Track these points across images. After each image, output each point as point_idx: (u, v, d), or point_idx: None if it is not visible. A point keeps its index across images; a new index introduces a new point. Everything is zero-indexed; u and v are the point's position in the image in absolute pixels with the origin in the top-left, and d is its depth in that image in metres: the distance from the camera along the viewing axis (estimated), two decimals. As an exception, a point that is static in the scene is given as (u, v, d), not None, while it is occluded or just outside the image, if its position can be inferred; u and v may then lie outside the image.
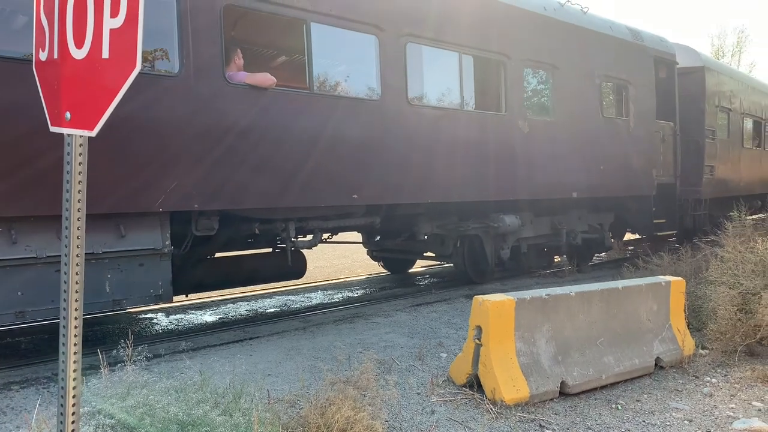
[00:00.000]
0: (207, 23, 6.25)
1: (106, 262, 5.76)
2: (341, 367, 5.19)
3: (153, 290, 6.07)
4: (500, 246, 10.33)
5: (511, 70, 9.39)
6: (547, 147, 9.96)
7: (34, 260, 5.34)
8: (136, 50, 2.23)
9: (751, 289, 6.43)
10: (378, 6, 7.70)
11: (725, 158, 14.87)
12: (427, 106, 8.49)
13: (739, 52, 47.41)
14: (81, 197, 2.29)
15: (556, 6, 10.37)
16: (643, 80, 11.95)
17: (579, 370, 5.34)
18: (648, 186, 12.10)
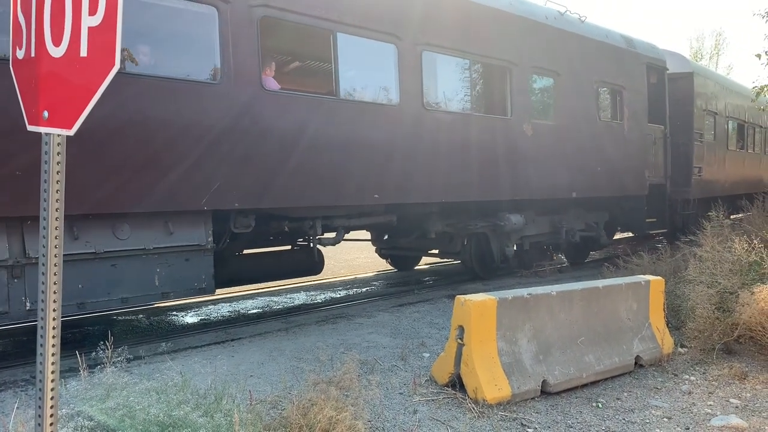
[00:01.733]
0: (245, 34, 6.67)
1: (156, 257, 6.24)
2: (324, 368, 5.19)
3: (197, 283, 6.56)
4: (505, 243, 10.84)
5: (517, 76, 9.88)
6: (549, 149, 10.46)
7: (94, 255, 5.82)
8: (114, 49, 2.21)
9: (728, 288, 6.53)
10: (397, 17, 8.15)
11: (712, 160, 15.47)
12: (442, 111, 9.01)
13: (717, 55, 48.07)
14: (59, 197, 2.27)
15: (556, 15, 10.87)
16: (636, 85, 12.51)
17: (560, 369, 5.37)
18: (641, 186, 12.63)
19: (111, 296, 5.95)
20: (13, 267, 5.46)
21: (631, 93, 12.37)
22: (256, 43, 6.76)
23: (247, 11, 6.67)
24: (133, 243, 6.10)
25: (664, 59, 13.74)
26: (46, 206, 2.22)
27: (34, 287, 4.97)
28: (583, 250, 12.91)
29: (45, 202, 2.22)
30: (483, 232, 10.49)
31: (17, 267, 5.49)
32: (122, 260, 6.04)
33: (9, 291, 5.43)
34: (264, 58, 6.97)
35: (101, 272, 5.87)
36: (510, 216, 10.31)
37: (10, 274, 5.43)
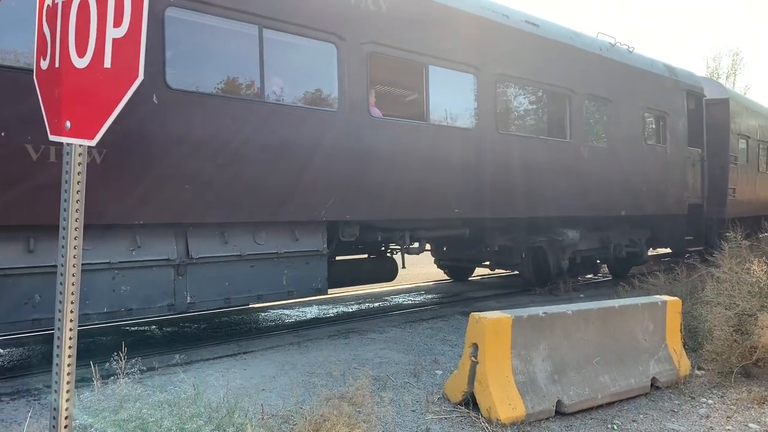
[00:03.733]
0: (357, 68, 7.67)
1: (285, 260, 7.23)
2: (336, 383, 5.15)
3: (314, 284, 7.55)
4: (560, 257, 11.56)
5: (575, 102, 10.85)
6: (602, 170, 11.41)
7: (239, 257, 6.82)
8: (138, 60, 2.22)
9: (747, 310, 6.41)
10: (477, 51, 9.14)
11: (744, 181, 16.27)
12: (513, 135, 9.93)
13: (734, 75, 47.79)
14: (79, 207, 2.27)
15: (608, 46, 11.92)
16: (677, 111, 13.48)
17: (575, 389, 5.30)
18: (680, 206, 13.56)
19: (250, 293, 7.01)
20: (178, 266, 6.42)
21: (673, 118, 13.28)
22: (365, 76, 7.76)
23: (359, 48, 7.66)
24: (268, 247, 7.10)
25: (701, 86, 14.66)
26: (66, 216, 2.22)
27: (195, 284, 6.51)
28: (626, 265, 13.64)
29: (65, 212, 2.22)
30: (540, 246, 11.24)
31: (182, 266, 6.45)
32: (259, 262, 7.05)
33: (175, 286, 6.41)
34: (370, 88, 7.95)
35: (243, 272, 6.91)
36: (567, 231, 11.14)
37: (176, 271, 6.41)
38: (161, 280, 6.30)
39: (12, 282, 5.41)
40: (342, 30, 7.46)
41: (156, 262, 6.26)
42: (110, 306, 5.98)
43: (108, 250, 5.94)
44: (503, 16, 9.75)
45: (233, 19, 6.64)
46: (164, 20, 6.12)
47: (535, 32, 10.21)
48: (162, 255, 6.31)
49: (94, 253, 5.82)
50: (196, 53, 6.73)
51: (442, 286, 13.18)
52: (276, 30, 6.93)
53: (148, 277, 6.21)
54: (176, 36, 6.26)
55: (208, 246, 6.65)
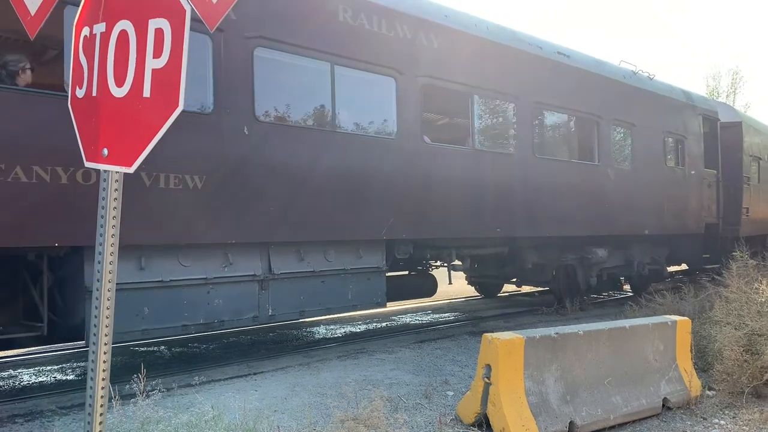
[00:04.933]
0: (412, 99, 8.31)
1: (350, 276, 7.81)
2: (349, 405, 5.15)
3: (375, 298, 8.13)
4: (589, 274, 12.03)
5: (603, 127, 11.49)
6: (627, 191, 11.99)
7: (312, 273, 7.43)
8: (179, 90, 2.26)
9: (756, 330, 6.42)
10: (517, 82, 9.77)
11: (757, 201, 16.76)
12: (548, 158, 10.48)
13: (734, 94, 47.99)
14: (114, 232, 2.32)
15: (630, 74, 12.58)
16: (694, 134, 14.15)
17: (587, 410, 5.30)
18: (698, 225, 14.14)
19: (321, 306, 7.55)
20: (262, 281, 6.97)
21: (691, 141, 13.97)
22: (419, 106, 8.40)
23: (414, 80, 8.28)
24: (337, 264, 7.66)
25: (716, 110, 15.44)
26: (102, 240, 2.27)
27: (276, 297, 7.08)
28: (647, 281, 14.08)
29: (101, 237, 2.26)
30: (571, 263, 11.70)
31: (265, 281, 6.99)
32: (329, 278, 7.60)
33: (259, 300, 6.94)
34: (423, 117, 8.61)
35: (315, 287, 7.46)
36: (596, 249, 11.65)
37: (260, 286, 6.95)
38: (248, 294, 6.88)
39: (125, 296, 5.82)
40: (400, 65, 8.11)
41: (244, 277, 6.84)
42: (205, 318, 6.53)
43: (204, 266, 6.53)
44: (537, 47, 10.41)
45: (310, 57, 7.29)
46: (253, 59, 6.75)
47: (566, 62, 10.87)
48: (249, 271, 6.89)
49: (192, 269, 6.43)
50: (279, 88, 7.32)
51: (450, 305, 13.17)
52: (345, 66, 7.59)
53: (237, 291, 6.79)
54: (263, 73, 6.86)
55: (287, 263, 7.21)
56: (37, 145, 5.31)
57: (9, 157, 5.14)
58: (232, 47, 6.57)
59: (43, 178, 5.29)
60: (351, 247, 7.81)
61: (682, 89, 14.55)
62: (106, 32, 2.37)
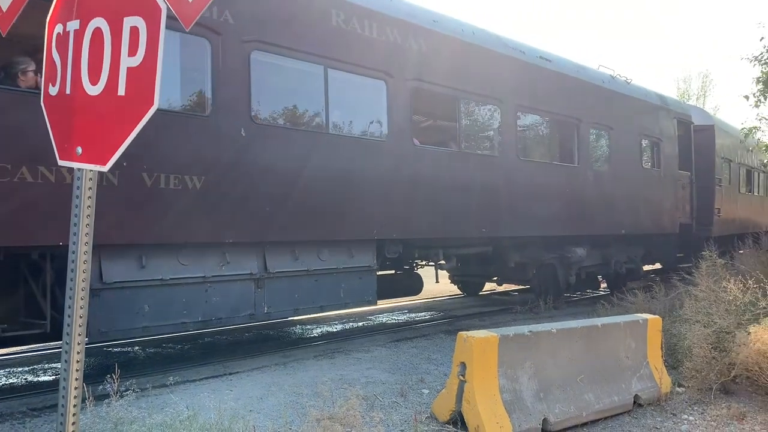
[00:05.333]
0: (402, 102, 8.54)
1: (343, 275, 7.96)
2: (325, 404, 5.16)
3: (365, 296, 8.31)
4: (569, 273, 12.36)
5: (582, 130, 11.82)
6: (605, 192, 12.36)
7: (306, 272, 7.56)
8: (154, 88, 2.25)
9: (724, 328, 6.57)
10: (501, 86, 10.08)
11: (728, 202, 17.30)
12: (530, 160, 10.85)
13: (703, 96, 48.87)
14: (89, 231, 2.30)
15: (609, 78, 12.97)
16: (669, 137, 14.61)
17: (560, 407, 5.37)
18: (673, 225, 14.64)
19: (314, 304, 7.73)
20: (258, 279, 7.11)
21: (666, 144, 14.42)
22: (409, 109, 8.60)
23: (404, 83, 8.50)
24: (330, 263, 7.81)
25: (690, 114, 16.00)
26: (75, 240, 2.25)
27: (271, 295, 7.21)
28: (623, 280, 14.18)
29: (75, 236, 2.25)
30: (551, 262, 12.04)
31: (261, 279, 7.13)
32: (322, 276, 7.77)
33: (255, 297, 7.09)
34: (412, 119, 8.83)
35: (309, 285, 7.62)
36: (576, 249, 12.00)
37: (256, 285, 7.09)
38: (245, 292, 7.05)
39: (127, 294, 6.09)
40: (390, 68, 8.32)
41: (241, 276, 6.99)
42: (203, 315, 6.68)
43: (202, 265, 6.68)
44: (521, 52, 10.71)
45: (304, 60, 7.46)
46: (250, 63, 6.89)
47: (548, 66, 11.18)
48: (245, 270, 7.05)
49: (191, 268, 6.58)
50: (275, 91, 7.47)
51: (426, 304, 13.23)
52: (338, 69, 7.74)
53: (235, 290, 6.96)
54: (259, 76, 7.02)
55: (282, 262, 7.38)
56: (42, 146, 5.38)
57: (15, 158, 5.23)
58: (229, 50, 6.69)
59: (48, 178, 5.41)
60: (343, 247, 7.99)
61: (657, 93, 15.04)
62: (80, 30, 2.35)
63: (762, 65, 13.48)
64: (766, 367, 5.93)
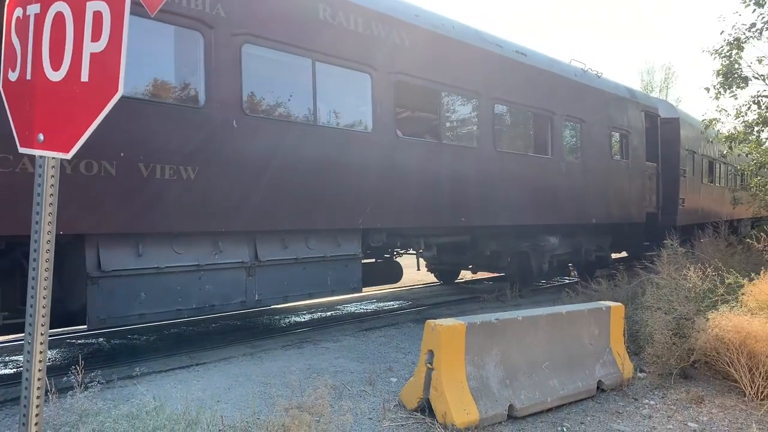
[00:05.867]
0: (386, 94, 8.76)
1: (330, 263, 8.20)
2: (293, 393, 5.16)
3: (351, 283, 8.52)
4: (542, 261, 12.72)
5: (556, 123, 12.19)
6: (577, 183, 12.74)
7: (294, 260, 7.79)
8: (118, 75, 2.21)
9: (684, 315, 6.75)
10: (479, 79, 10.29)
11: (692, 192, 17.85)
12: (507, 152, 11.08)
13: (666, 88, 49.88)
14: (51, 219, 2.25)
15: (581, 72, 13.31)
16: (637, 129, 15.08)
17: (526, 393, 5.47)
18: (640, 215, 15.10)
19: (303, 291, 7.94)
20: (249, 267, 7.30)
21: (634, 136, 14.87)
22: (393, 101, 8.85)
23: (387, 77, 8.73)
24: (317, 252, 8.06)
25: (656, 107, 16.58)
26: (38, 228, 2.20)
27: (262, 283, 7.40)
28: (593, 268, 14.73)
29: (37, 225, 2.20)
30: (525, 251, 12.42)
31: (252, 268, 7.32)
32: (310, 265, 7.99)
33: (246, 285, 7.28)
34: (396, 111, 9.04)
35: (298, 273, 7.84)
36: (549, 237, 12.37)
37: (247, 273, 7.28)
38: (237, 280, 7.23)
39: (124, 282, 6.25)
40: (375, 62, 8.55)
41: (233, 264, 7.18)
42: (198, 302, 6.86)
43: (196, 254, 6.86)
44: (498, 46, 10.98)
45: (293, 54, 7.62)
46: (241, 55, 7.04)
47: (523, 60, 11.48)
48: (237, 258, 7.23)
49: (185, 257, 6.76)
50: (265, 83, 7.60)
51: (391, 294, 13.29)
52: (325, 63, 7.95)
53: (227, 278, 7.13)
54: (250, 68, 7.16)
55: (272, 250, 7.58)
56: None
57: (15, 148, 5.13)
58: (221, 44, 6.82)
59: None
60: (330, 236, 8.22)
61: (627, 87, 15.53)
62: (40, 14, 2.29)
63: (722, 58, 13.75)
64: (723, 352, 6.12)
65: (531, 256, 12.59)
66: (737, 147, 15.32)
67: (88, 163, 5.79)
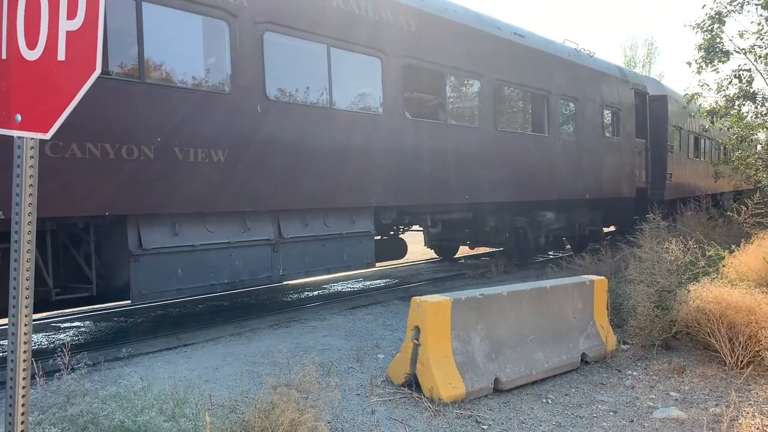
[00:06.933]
0: (395, 77, 9.11)
1: (345, 240, 8.67)
2: (282, 371, 5.19)
3: (366, 259, 9.05)
4: (538, 235, 13.18)
5: (552, 102, 12.53)
6: (572, 159, 13.19)
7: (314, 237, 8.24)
8: (95, 53, 2.18)
9: (666, 287, 6.86)
10: (479, 60, 10.69)
11: (679, 167, 18.31)
12: (507, 131, 11.57)
13: (649, 63, 50.02)
14: (32, 201, 2.23)
15: (575, 52, 13.70)
16: (627, 107, 15.56)
17: (511, 366, 5.55)
18: (631, 190, 15.62)
19: (322, 266, 8.42)
20: (274, 244, 7.76)
21: (624, 113, 15.38)
22: (401, 84, 9.19)
23: (395, 61, 9.07)
24: (334, 229, 8.47)
25: (645, 85, 17.04)
26: (18, 210, 2.18)
27: (285, 259, 7.86)
28: (585, 242, 15.25)
29: (17, 206, 2.18)
30: (523, 226, 12.84)
31: (276, 244, 7.78)
32: (328, 241, 8.44)
33: (272, 261, 7.72)
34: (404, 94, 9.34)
35: (317, 249, 8.29)
36: (545, 212, 12.85)
37: (273, 249, 7.73)
38: (263, 256, 7.67)
39: (164, 259, 6.67)
40: (384, 46, 8.88)
41: (259, 241, 7.61)
42: (229, 277, 7.28)
43: (227, 232, 7.29)
44: (497, 28, 11.34)
45: (309, 40, 7.97)
46: (263, 43, 7.38)
47: (521, 42, 11.81)
48: (263, 236, 7.67)
49: (218, 235, 7.19)
50: (285, 69, 7.95)
51: (379, 272, 13.35)
52: (339, 48, 8.29)
53: (255, 254, 7.56)
54: (271, 55, 7.50)
55: (294, 228, 8.01)
56: (89, 125, 5.87)
57: (66, 135, 5.63)
58: (245, 32, 7.16)
59: (94, 153, 5.92)
60: (346, 214, 8.68)
61: (618, 66, 16.19)
62: (14, -8, 2.25)
63: (704, 32, 13.78)
64: (704, 323, 6.23)
65: (528, 231, 12.99)
66: (718, 121, 15.40)
67: (129, 147, 6.17)
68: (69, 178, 5.77)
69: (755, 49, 13.55)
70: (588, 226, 14.91)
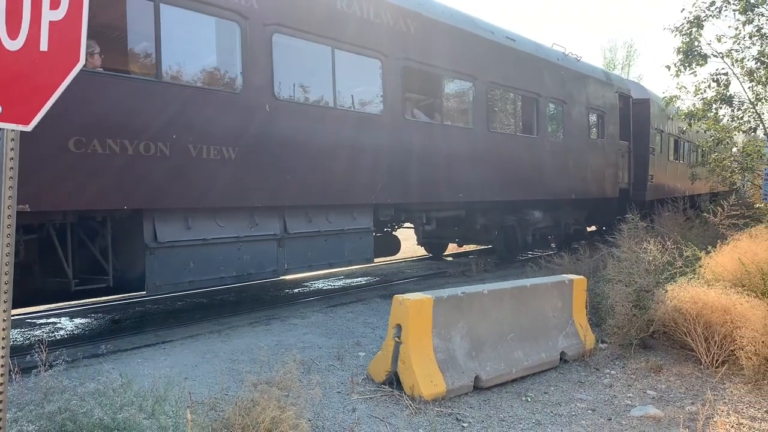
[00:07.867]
0: (395, 79, 9.41)
1: (346, 235, 8.94)
2: (262, 369, 5.16)
3: (365, 254, 9.32)
4: (526, 234, 13.57)
5: (541, 104, 12.93)
6: (559, 160, 13.57)
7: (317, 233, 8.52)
8: (79, 44, 2.15)
9: (644, 287, 6.94)
10: (473, 63, 11.00)
11: (660, 169, 18.75)
12: (498, 133, 11.88)
13: (628, 66, 50.53)
14: (12, 194, 2.19)
15: (563, 56, 14.05)
16: (611, 110, 16.03)
17: (491, 364, 5.58)
18: (614, 191, 16.09)
19: (324, 261, 8.70)
20: (280, 239, 8.01)
21: (609, 116, 15.82)
22: (401, 85, 9.49)
23: (395, 62, 9.36)
24: (336, 225, 8.77)
25: (629, 88, 17.54)
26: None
27: (290, 253, 8.13)
28: (570, 240, 15.61)
29: (-3, 200, 2.14)
30: (512, 224, 13.22)
31: (282, 239, 8.03)
32: (330, 237, 8.72)
33: (278, 255, 7.98)
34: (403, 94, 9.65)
35: (319, 244, 8.57)
36: (533, 211, 13.31)
37: (278, 244, 7.99)
38: (269, 251, 7.93)
39: (177, 252, 6.91)
40: (385, 48, 9.16)
41: (266, 236, 7.87)
42: (237, 271, 7.54)
43: (236, 227, 7.54)
44: (490, 32, 11.61)
45: (315, 42, 8.22)
46: (272, 44, 7.61)
47: (513, 46, 12.15)
48: (270, 231, 7.92)
49: (227, 230, 7.45)
50: (291, 70, 8.18)
51: (359, 270, 13.33)
52: (342, 50, 8.55)
53: (262, 248, 7.84)
54: (279, 56, 7.73)
55: (298, 224, 8.28)
56: (109, 122, 6.11)
57: (87, 132, 5.91)
58: (255, 34, 7.39)
59: (114, 149, 6.13)
60: (347, 211, 8.94)
61: (603, 69, 16.81)
62: (-5, -20, 2.20)
63: (682, 36, 13.97)
64: (681, 322, 6.32)
65: (517, 229, 13.38)
66: (696, 123, 15.63)
67: (147, 144, 6.38)
68: (91, 173, 5.99)
69: (732, 53, 13.77)
70: (573, 225, 15.29)
